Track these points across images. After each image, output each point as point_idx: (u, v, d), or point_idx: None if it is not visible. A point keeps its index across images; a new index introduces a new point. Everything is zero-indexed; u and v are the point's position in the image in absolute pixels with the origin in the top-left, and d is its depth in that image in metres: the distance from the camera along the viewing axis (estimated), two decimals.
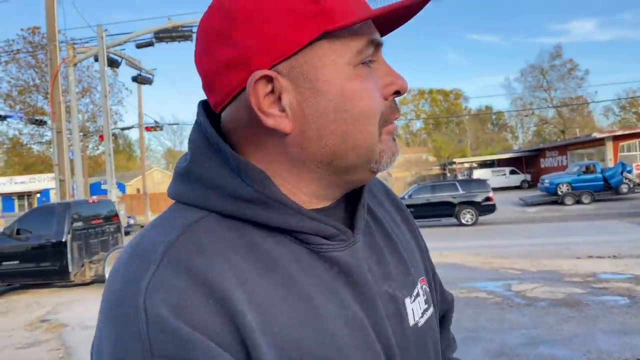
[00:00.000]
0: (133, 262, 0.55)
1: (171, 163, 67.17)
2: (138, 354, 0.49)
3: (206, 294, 0.52)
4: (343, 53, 0.59)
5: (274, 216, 0.60)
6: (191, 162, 0.64)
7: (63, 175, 15.06)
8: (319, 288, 0.60)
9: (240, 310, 0.53)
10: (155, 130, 28.27)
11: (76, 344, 6.24)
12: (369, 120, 0.60)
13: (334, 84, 0.59)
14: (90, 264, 10.24)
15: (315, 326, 0.58)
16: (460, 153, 62.15)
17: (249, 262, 0.58)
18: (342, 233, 0.64)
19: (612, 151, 31.66)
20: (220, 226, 0.59)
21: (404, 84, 0.63)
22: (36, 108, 35.71)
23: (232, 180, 0.60)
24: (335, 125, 0.60)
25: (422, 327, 0.71)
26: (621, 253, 9.90)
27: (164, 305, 0.51)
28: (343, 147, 0.61)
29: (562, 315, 5.89)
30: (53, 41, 15.32)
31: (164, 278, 0.52)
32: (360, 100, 0.59)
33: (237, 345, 0.52)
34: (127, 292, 0.52)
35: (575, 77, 54.21)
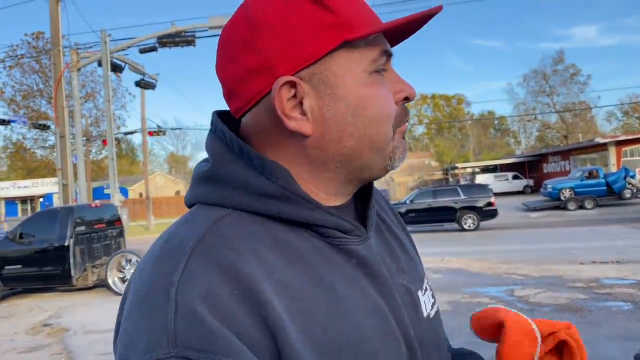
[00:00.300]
0: (163, 257, 0.57)
1: (174, 168, 67.25)
2: (163, 344, 0.50)
3: (235, 286, 0.54)
4: (360, 61, 0.64)
5: (299, 211, 0.63)
6: (213, 165, 0.67)
7: (66, 180, 15.09)
8: (341, 278, 0.63)
9: (268, 300, 0.55)
10: (158, 135, 28.34)
11: (78, 349, 6.23)
12: (385, 121, 0.66)
13: (352, 89, 0.64)
14: (93, 268, 10.24)
15: (341, 313, 0.60)
16: (462, 158, 62.07)
17: (275, 254, 0.60)
18: (357, 229, 0.68)
19: (615, 156, 31.60)
20: (245, 221, 0.62)
21: (413, 91, 0.69)
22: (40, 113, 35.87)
23: (257, 179, 0.63)
24: (354, 128, 0.64)
25: (433, 318, 0.76)
26: (625, 258, 9.86)
27: (195, 297, 0.52)
28: (360, 147, 0.66)
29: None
30: (57, 46, 15.39)
31: (195, 271, 0.54)
32: (375, 104, 0.65)
33: (265, 335, 0.54)
34: (159, 285, 0.54)
35: (577, 82, 54.22)
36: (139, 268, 0.60)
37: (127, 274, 9.77)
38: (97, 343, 6.40)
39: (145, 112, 28.56)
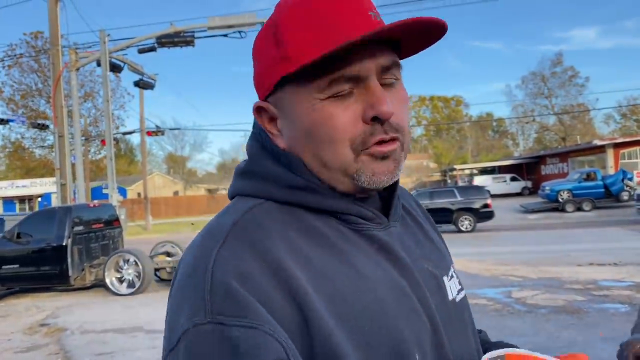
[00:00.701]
0: (205, 240, 0.67)
1: (172, 168, 67.08)
2: (201, 312, 0.59)
3: (264, 262, 0.63)
4: (309, 89, 0.69)
5: (324, 200, 0.72)
6: (249, 162, 0.78)
7: (64, 180, 15.08)
8: (363, 258, 0.70)
9: (294, 275, 0.62)
10: (157, 135, 28.35)
11: (75, 349, 6.23)
12: (337, 143, 0.69)
13: (302, 114, 0.71)
14: (91, 268, 10.23)
15: (364, 289, 0.67)
16: (460, 160, 62.09)
17: (302, 236, 0.69)
18: (377, 217, 0.75)
19: (613, 158, 31.65)
20: (275, 209, 0.71)
21: (382, 109, 0.68)
22: (38, 112, 35.83)
23: (286, 173, 0.73)
24: (309, 147, 0.72)
25: (459, 302, 0.81)
26: (622, 260, 9.88)
27: (228, 272, 0.61)
28: (316, 164, 0.72)
29: (563, 323, 5.87)
30: (56, 46, 15.38)
31: (230, 250, 0.63)
32: (324, 127, 0.69)
33: (291, 306, 0.61)
34: (199, 263, 0.63)
35: (576, 84, 54.27)
36: (189, 249, 0.69)
37: (124, 274, 9.76)
38: (94, 343, 6.39)
39: (143, 112, 28.55)
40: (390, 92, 0.71)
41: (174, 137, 59.50)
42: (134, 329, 6.93)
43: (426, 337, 0.70)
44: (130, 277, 9.72)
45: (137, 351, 5.90)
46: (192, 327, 0.59)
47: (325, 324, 0.61)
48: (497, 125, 71.34)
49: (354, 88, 0.69)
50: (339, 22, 0.67)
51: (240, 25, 14.49)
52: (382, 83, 0.71)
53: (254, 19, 14.34)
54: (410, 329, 0.68)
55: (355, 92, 0.69)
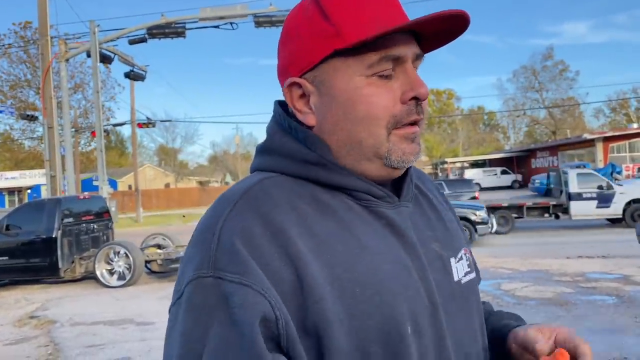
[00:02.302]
0: (219, 204, 0.74)
1: (163, 160, 66.74)
2: (205, 265, 0.66)
3: (266, 227, 0.68)
4: (355, 66, 0.73)
5: (333, 176, 0.76)
6: (268, 140, 0.82)
7: (54, 171, 14.97)
8: (368, 231, 0.74)
9: (294, 241, 0.68)
10: (148, 127, 28.22)
11: (65, 341, 6.21)
12: (372, 121, 0.74)
13: (344, 91, 0.74)
14: (81, 260, 10.18)
15: (363, 258, 0.71)
16: (452, 153, 62.29)
17: (310, 207, 0.73)
18: (388, 196, 0.78)
19: (602, 152, 31.90)
20: (288, 181, 0.76)
21: (422, 90, 0.74)
22: (27, 103, 35.46)
23: (301, 149, 0.77)
24: (344, 124, 0.75)
25: (465, 284, 0.83)
26: (610, 253, 9.98)
27: (232, 232, 0.67)
28: (349, 142, 0.76)
29: (551, 314, 5.93)
30: (45, 36, 15.21)
31: (237, 213, 0.70)
32: (363, 105, 0.73)
33: (287, 268, 0.66)
34: (210, 223, 0.70)
35: (566, 78, 54.52)
36: (205, 212, 0.75)
37: (115, 266, 9.72)
38: (84, 335, 6.37)
39: (134, 103, 28.36)
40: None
41: (165, 129, 59.18)
42: (124, 321, 6.92)
43: (423, 313, 0.72)
44: (121, 269, 9.69)
45: (127, 343, 5.90)
46: (196, 278, 0.66)
47: (319, 288, 0.66)
48: (488, 119, 71.63)
49: (394, 70, 0.74)
50: (383, 8, 0.74)
51: (231, 16, 14.40)
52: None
53: (245, 10, 14.26)
54: (406, 302, 0.71)
55: (394, 74, 0.74)
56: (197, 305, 0.65)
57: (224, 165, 68.99)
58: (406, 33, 0.74)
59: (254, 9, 14.23)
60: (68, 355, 5.64)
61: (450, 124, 68.95)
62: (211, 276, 0.65)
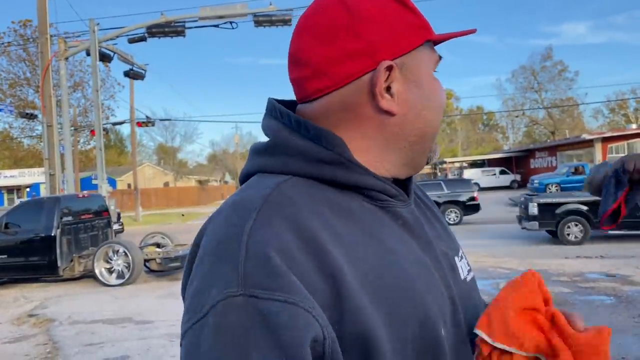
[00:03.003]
0: (235, 212, 0.65)
1: (163, 159, 66.68)
2: (234, 283, 0.57)
3: (298, 236, 0.62)
4: (431, 59, 0.77)
5: (351, 175, 0.71)
6: (274, 138, 0.74)
7: (53, 170, 14.96)
8: (389, 233, 0.72)
9: (327, 249, 0.62)
10: (147, 126, 28.15)
11: (64, 339, 6.22)
12: (440, 112, 0.78)
13: (427, 80, 0.75)
14: (80, 258, 10.18)
15: (390, 261, 0.68)
16: (451, 153, 62.31)
17: (331, 211, 0.68)
18: (401, 195, 0.77)
19: (600, 152, 31.92)
20: (303, 184, 0.70)
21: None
22: (27, 102, 35.41)
23: (314, 147, 0.71)
24: (426, 112, 0.75)
25: (469, 282, 0.83)
26: (608, 253, 10.00)
27: (263, 243, 0.60)
28: (426, 130, 0.76)
29: None
30: (44, 34, 15.20)
31: (264, 223, 0.62)
32: (439, 96, 0.77)
33: (324, 279, 0.60)
34: (232, 233, 0.62)
35: (565, 78, 54.51)
36: (211, 223, 0.67)
37: (114, 264, 9.73)
38: (83, 334, 6.38)
39: (134, 102, 28.34)
40: None
41: (165, 128, 59.19)
42: (123, 320, 6.93)
43: (448, 312, 0.72)
44: (120, 268, 9.69)
45: (126, 342, 5.90)
46: (224, 298, 0.57)
47: (357, 298, 0.61)
48: (487, 119, 71.63)
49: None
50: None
51: (231, 15, 14.39)
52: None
53: (245, 9, 14.25)
54: (435, 302, 0.70)
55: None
56: (230, 329, 0.56)
57: (223, 164, 68.98)
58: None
59: (253, 8, 14.22)
60: (67, 354, 5.65)
61: (449, 123, 68.91)
62: (243, 294, 0.57)
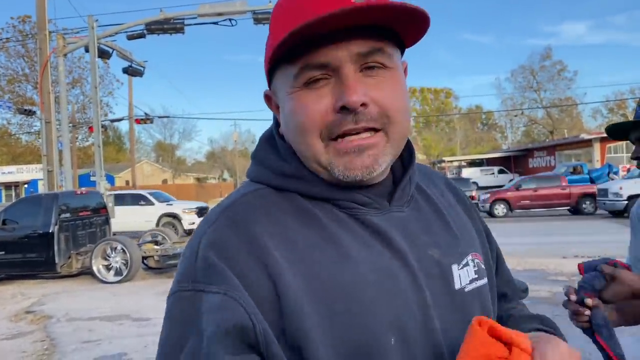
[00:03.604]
0: (204, 220, 0.75)
1: (161, 156, 66.57)
2: (185, 279, 0.69)
3: (242, 236, 0.69)
4: (285, 79, 0.73)
5: (312, 188, 0.75)
6: (256, 151, 0.83)
7: (51, 166, 14.93)
8: (353, 240, 0.72)
9: (270, 252, 0.67)
10: (146, 123, 28.10)
11: (61, 336, 6.21)
12: (305, 133, 0.71)
13: (284, 104, 0.75)
14: (78, 255, 10.16)
15: (340, 266, 0.69)
16: (449, 152, 62.32)
17: (293, 217, 0.73)
18: (375, 202, 0.76)
19: (599, 152, 31.94)
20: (272, 194, 0.76)
21: (348, 99, 0.67)
22: (25, 98, 35.31)
23: (278, 162, 0.78)
24: (288, 135, 0.76)
25: (469, 292, 0.79)
26: (607, 253, 9.97)
27: (209, 244, 0.69)
28: (299, 153, 0.76)
29: (547, 314, 5.79)
30: (43, 30, 15.16)
31: (216, 228, 0.71)
32: (295, 116, 0.72)
33: (264, 277, 0.66)
34: (193, 239, 0.72)
35: (564, 78, 54.54)
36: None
37: (112, 261, 9.71)
38: (81, 331, 6.37)
39: (132, 99, 28.35)
40: (372, 80, 0.70)
41: (163, 125, 59.07)
42: (120, 317, 6.92)
43: (411, 321, 0.70)
44: (118, 265, 9.68)
45: (124, 339, 5.90)
46: (176, 291, 0.69)
47: (296, 300, 0.65)
48: (486, 118, 71.61)
49: (331, 77, 0.70)
50: (313, 6, 0.67)
51: (230, 13, 14.35)
52: (364, 70, 0.70)
53: (244, 7, 14.21)
54: (390, 311, 0.68)
55: (332, 81, 0.70)
56: (175, 317, 0.68)
57: (221, 161, 68.94)
58: (352, 29, 0.67)
59: (252, 6, 14.19)
60: (64, 351, 5.64)
61: (448, 122, 68.94)
62: (190, 290, 0.67)
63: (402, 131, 0.74)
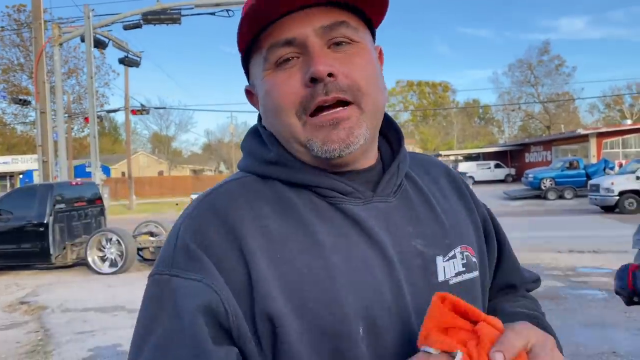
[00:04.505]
0: (187, 207, 0.77)
1: (157, 147, 66.43)
2: (163, 264, 0.70)
3: (221, 223, 0.70)
4: (257, 66, 0.76)
5: (295, 174, 0.75)
6: (243, 142, 0.85)
7: (46, 157, 14.86)
8: (328, 230, 0.71)
9: (245, 238, 0.68)
10: (142, 114, 27.97)
11: (55, 327, 6.19)
12: (282, 112, 0.72)
13: (258, 88, 0.77)
14: (72, 246, 10.14)
15: (315, 256, 0.69)
16: (446, 146, 62.37)
17: (272, 206, 0.73)
18: (357, 192, 0.75)
19: (595, 148, 32.00)
20: (254, 182, 0.76)
21: (315, 69, 0.68)
22: (20, 87, 35.15)
23: (261, 148, 0.79)
24: (267, 119, 0.77)
25: (454, 285, 0.77)
26: (601, 248, 10.04)
27: (188, 231, 0.70)
28: (278, 136, 0.76)
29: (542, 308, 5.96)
30: (38, 19, 15.04)
31: (196, 215, 0.72)
32: (270, 97, 0.73)
33: (240, 266, 0.67)
34: (175, 226, 0.74)
35: (562, 73, 54.58)
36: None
37: (107, 253, 9.69)
38: (75, 321, 6.36)
39: (128, 90, 28.18)
40: (340, 54, 0.71)
41: (159, 117, 59.00)
42: (115, 308, 6.91)
43: (382, 312, 0.69)
44: (113, 256, 9.66)
45: (119, 330, 5.89)
46: (154, 274, 0.71)
47: (267, 286, 0.66)
48: (483, 112, 71.68)
49: (299, 55, 0.71)
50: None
51: (227, 3, 14.27)
52: (332, 46, 0.72)
53: None
54: (359, 301, 0.68)
55: (300, 59, 0.71)
56: (150, 299, 0.69)
57: (218, 154, 68.78)
58: (316, 5, 0.71)
59: None
60: (58, 342, 5.62)
61: (445, 116, 68.95)
62: (166, 274, 0.69)
63: (376, 103, 0.74)
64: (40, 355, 5.25)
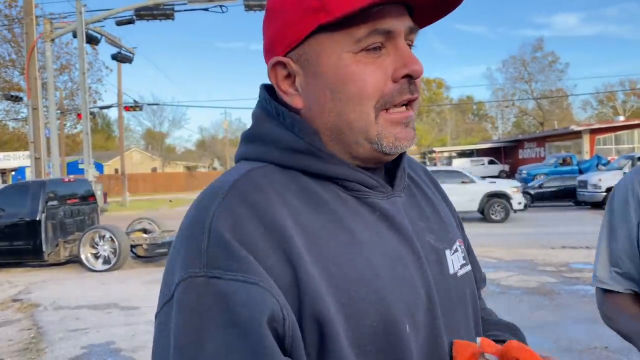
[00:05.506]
0: (206, 196, 0.68)
1: (150, 144, 66.16)
2: (196, 263, 0.61)
3: (260, 222, 0.63)
4: (342, 41, 0.68)
5: (325, 166, 0.71)
6: (253, 126, 0.77)
7: (39, 154, 14.77)
8: (361, 224, 0.70)
9: (289, 236, 0.63)
10: (135, 110, 27.87)
11: (48, 324, 6.16)
12: (361, 101, 0.68)
13: (332, 68, 0.69)
14: (65, 243, 10.09)
15: (357, 255, 0.66)
16: (440, 142, 62.50)
17: (300, 200, 0.68)
18: (381, 186, 0.75)
19: (588, 144, 32.17)
20: (276, 172, 0.70)
21: (416, 67, 0.69)
22: (12, 84, 34.81)
23: (288, 135, 0.72)
24: (332, 104, 0.70)
25: (461, 277, 0.80)
26: (594, 244, 10.04)
27: (224, 226, 0.62)
28: (340, 123, 0.70)
29: (535, 304, 5.99)
30: (29, 15, 14.92)
31: (228, 206, 0.64)
32: (353, 83, 0.68)
33: (284, 265, 0.62)
34: (198, 217, 0.64)
35: (555, 69, 54.76)
36: (191, 206, 0.70)
37: (100, 250, 9.64)
38: (68, 319, 6.33)
39: (121, 86, 28.07)
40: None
41: (153, 113, 58.69)
42: (108, 306, 6.88)
43: (420, 308, 0.69)
44: (106, 254, 9.61)
45: (112, 327, 5.86)
46: (187, 277, 0.61)
47: (316, 286, 0.62)
48: (477, 109, 71.83)
49: (384, 46, 0.69)
50: None
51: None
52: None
53: None
54: (402, 298, 0.67)
55: (384, 50, 0.69)
56: (190, 307, 0.59)
57: (211, 150, 68.61)
58: (397, 5, 0.69)
59: None
60: (51, 339, 5.60)
61: (439, 113, 69.05)
62: (205, 275, 0.59)
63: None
64: (33, 353, 5.22)
